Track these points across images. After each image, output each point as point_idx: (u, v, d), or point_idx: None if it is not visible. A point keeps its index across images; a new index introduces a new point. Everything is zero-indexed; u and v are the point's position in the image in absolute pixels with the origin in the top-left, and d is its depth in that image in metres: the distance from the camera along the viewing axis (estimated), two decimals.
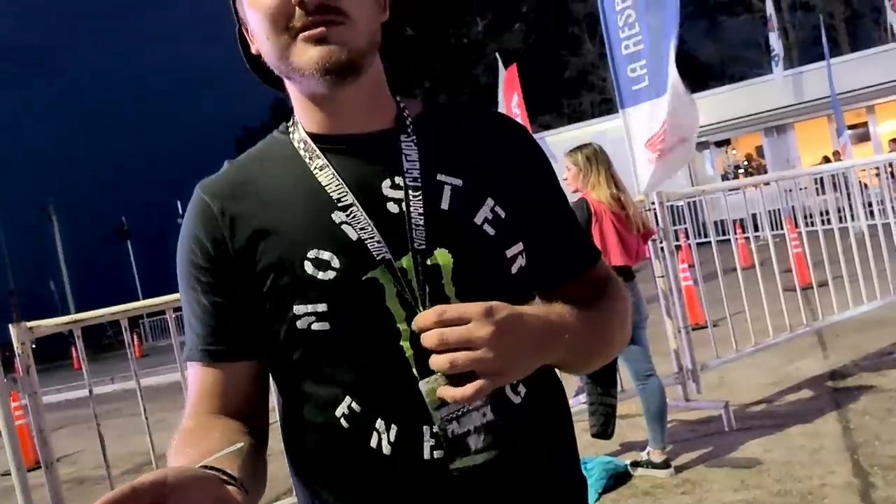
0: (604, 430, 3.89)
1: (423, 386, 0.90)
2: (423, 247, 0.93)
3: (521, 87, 11.85)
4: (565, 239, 1.09)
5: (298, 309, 0.92)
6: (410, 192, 0.96)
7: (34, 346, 3.18)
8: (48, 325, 3.23)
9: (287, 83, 1.01)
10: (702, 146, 19.26)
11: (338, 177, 0.96)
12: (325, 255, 0.92)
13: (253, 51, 1.02)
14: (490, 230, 0.97)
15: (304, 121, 1.02)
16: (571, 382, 4.49)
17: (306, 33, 0.91)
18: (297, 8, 0.90)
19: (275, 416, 1.19)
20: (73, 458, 7.18)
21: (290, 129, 1.04)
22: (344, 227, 0.93)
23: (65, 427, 8.60)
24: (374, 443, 0.93)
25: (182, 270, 1.00)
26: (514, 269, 0.99)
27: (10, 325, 3.13)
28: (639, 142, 5.38)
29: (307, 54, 0.91)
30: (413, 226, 0.94)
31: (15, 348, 3.08)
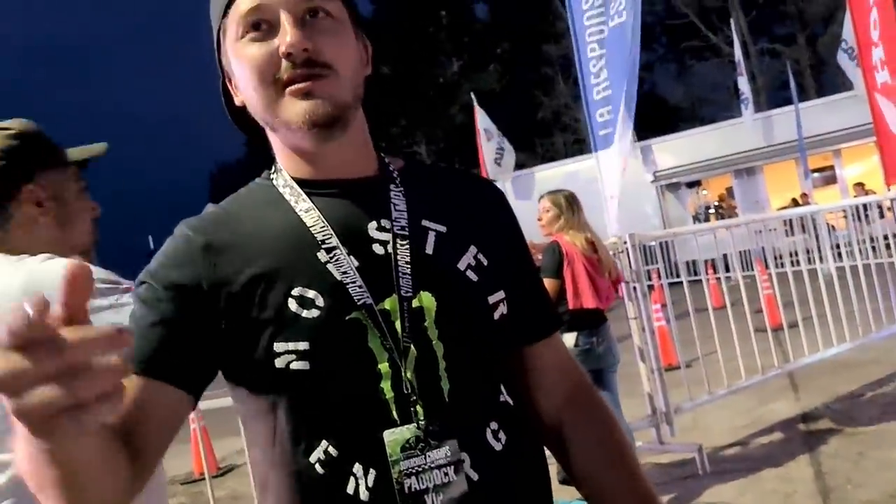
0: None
1: (388, 436, 0.89)
2: (409, 293, 0.94)
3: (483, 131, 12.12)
4: (532, 299, 1.11)
5: (278, 347, 0.90)
6: (398, 240, 0.96)
7: None
8: None
9: (270, 134, 1.01)
10: (673, 187, 19.53)
11: (322, 218, 0.96)
12: (310, 293, 0.91)
13: (237, 102, 1.02)
14: (473, 276, 0.98)
15: (289, 168, 1.02)
16: None
17: (293, 87, 0.92)
18: (283, 60, 0.91)
19: (244, 458, 1.15)
20: None
21: (273, 176, 1.03)
22: (329, 266, 0.93)
23: None
24: (350, 488, 0.90)
25: (142, 293, 0.94)
26: (496, 316, 0.99)
27: None
28: (609, 185, 5.46)
29: (294, 108, 0.92)
30: (400, 273, 0.94)
31: None
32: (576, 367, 1.16)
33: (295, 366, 0.90)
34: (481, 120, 15.71)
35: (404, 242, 0.96)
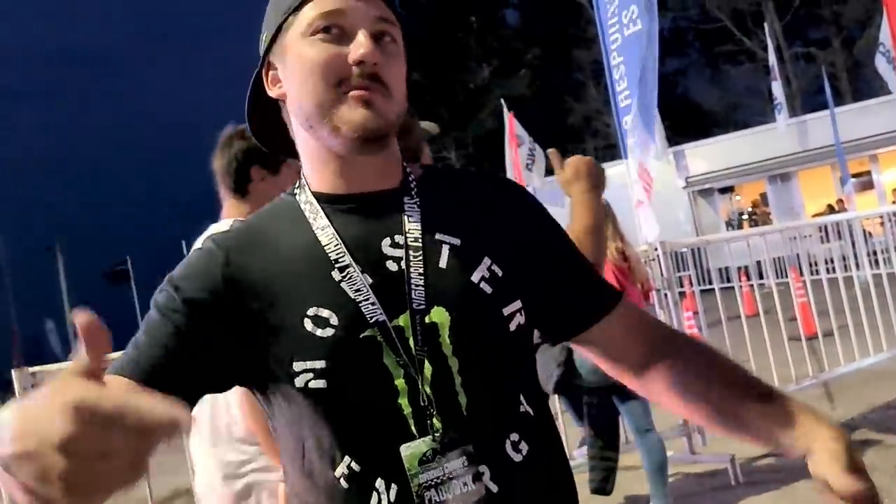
0: (602, 485, 3.84)
1: (405, 450, 0.90)
2: (423, 307, 0.95)
3: (515, 137, 12.00)
4: (581, 282, 1.12)
5: (297, 366, 0.92)
6: (411, 252, 0.98)
7: (34, 387, 3.17)
8: (50, 370, 3.23)
9: (303, 138, 1.03)
10: (706, 193, 19.33)
11: (337, 237, 0.98)
12: (325, 312, 0.93)
13: (273, 94, 1.04)
14: (487, 288, 0.98)
15: (313, 179, 1.04)
16: (573, 433, 4.44)
17: (358, 92, 0.94)
18: (353, 67, 0.94)
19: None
20: None
21: (297, 192, 1.06)
22: (343, 284, 0.95)
23: None
24: (374, 503, 0.92)
25: (159, 300, 0.97)
26: (512, 327, 1.00)
27: (12, 370, 3.13)
28: (637, 190, 5.44)
29: (352, 114, 0.95)
30: (413, 286, 0.96)
31: (16, 393, 3.08)
32: (654, 323, 1.17)
33: (313, 384, 0.92)
34: (512, 125, 15.69)
35: (418, 255, 0.98)
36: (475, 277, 0.98)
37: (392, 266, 0.97)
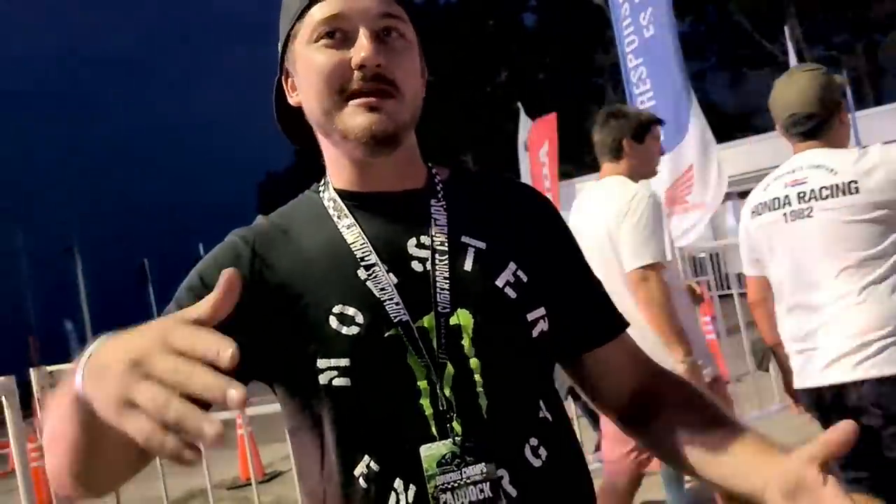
0: None
1: (424, 451, 0.90)
2: (447, 309, 0.94)
3: (531, 141, 11.81)
4: (590, 305, 1.10)
5: (321, 363, 0.93)
6: (437, 255, 0.97)
7: (52, 387, 3.19)
8: (68, 369, 3.24)
9: (322, 141, 1.04)
10: (725, 197, 19.18)
11: (363, 235, 0.98)
12: (350, 310, 0.93)
13: (293, 102, 1.05)
14: (511, 293, 0.98)
15: (336, 178, 1.04)
16: (589, 438, 4.41)
17: (359, 100, 0.94)
18: (355, 71, 0.93)
19: (290, 464, 1.16)
20: (86, 502, 7.13)
21: (321, 189, 1.06)
22: (368, 283, 0.95)
23: None
24: (392, 503, 0.91)
25: (181, 295, 0.97)
26: (535, 333, 0.99)
27: (30, 369, 3.14)
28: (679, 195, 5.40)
29: (356, 119, 0.94)
30: (438, 289, 0.95)
31: (34, 392, 3.09)
32: (648, 361, 1.12)
33: (337, 382, 0.92)
34: (525, 130, 15.60)
35: (444, 258, 0.97)
36: (500, 282, 0.98)
37: (417, 267, 0.97)
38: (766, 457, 0.89)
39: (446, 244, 0.99)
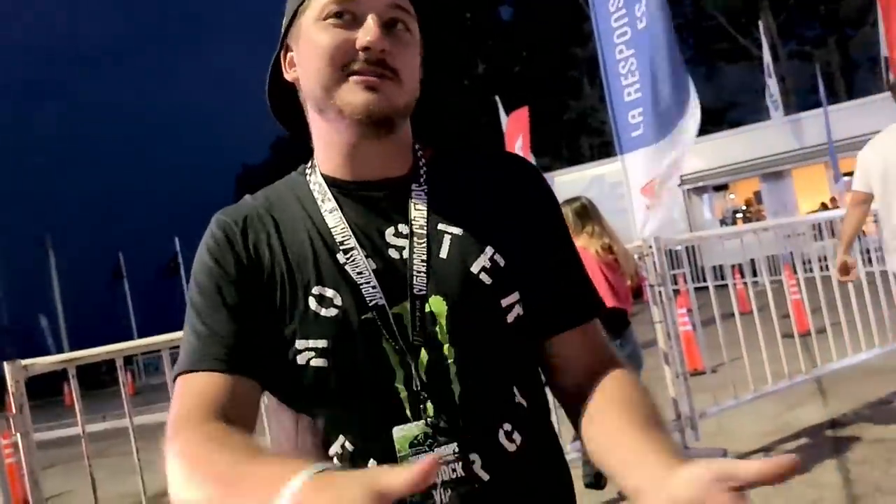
0: (596, 480, 3.86)
1: (397, 432, 0.92)
2: (423, 293, 0.96)
3: (510, 133, 11.91)
4: (566, 286, 1.07)
5: (300, 344, 0.94)
6: (415, 240, 0.99)
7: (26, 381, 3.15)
8: (43, 363, 3.21)
9: (314, 121, 1.04)
10: (700, 191, 19.34)
11: (344, 220, 0.99)
12: (329, 292, 0.95)
13: (289, 77, 1.05)
14: (486, 279, 0.98)
15: (323, 162, 1.05)
16: (567, 428, 4.44)
17: (361, 77, 0.95)
18: (359, 52, 0.95)
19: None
20: (64, 499, 7.07)
21: (308, 172, 1.07)
22: (346, 266, 0.96)
23: (55, 466, 8.48)
24: None
25: (201, 281, 0.99)
26: (510, 319, 0.99)
27: (4, 363, 3.10)
28: (635, 187, 5.41)
29: (355, 96, 0.95)
30: (415, 272, 0.96)
31: (8, 386, 3.05)
32: (605, 350, 1.06)
33: (315, 363, 0.94)
34: (505, 122, 15.68)
35: (422, 242, 0.99)
36: (475, 268, 0.98)
37: (395, 254, 0.98)
38: (661, 460, 0.79)
39: (424, 230, 1.00)
